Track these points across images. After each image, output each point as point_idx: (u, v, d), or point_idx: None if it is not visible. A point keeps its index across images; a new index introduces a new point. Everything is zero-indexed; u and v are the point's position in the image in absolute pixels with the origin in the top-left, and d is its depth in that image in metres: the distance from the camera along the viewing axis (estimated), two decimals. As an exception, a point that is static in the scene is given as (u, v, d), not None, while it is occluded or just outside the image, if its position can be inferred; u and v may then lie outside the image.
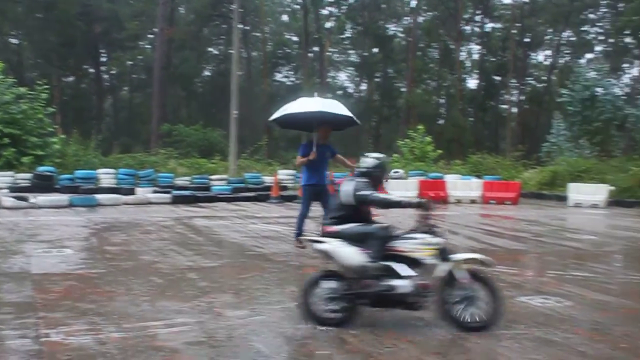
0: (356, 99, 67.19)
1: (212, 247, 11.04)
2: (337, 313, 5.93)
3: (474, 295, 5.87)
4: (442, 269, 5.90)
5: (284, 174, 26.59)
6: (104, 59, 62.87)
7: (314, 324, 5.87)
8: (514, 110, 63.06)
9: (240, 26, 43.23)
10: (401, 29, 67.50)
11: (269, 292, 7.45)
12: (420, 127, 34.76)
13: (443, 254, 5.94)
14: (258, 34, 61.45)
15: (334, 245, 6.05)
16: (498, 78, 65.43)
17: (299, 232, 10.90)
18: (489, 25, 66.65)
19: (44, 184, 21.19)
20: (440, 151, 34.23)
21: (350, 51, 70.25)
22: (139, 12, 57.44)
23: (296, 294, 7.26)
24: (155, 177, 24.30)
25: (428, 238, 5.99)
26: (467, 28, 65.33)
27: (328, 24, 63.09)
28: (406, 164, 30.55)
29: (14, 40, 59.38)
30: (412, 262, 5.95)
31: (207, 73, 67.05)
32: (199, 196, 21.49)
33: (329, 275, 6.13)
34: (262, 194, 22.71)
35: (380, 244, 5.99)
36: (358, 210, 6.31)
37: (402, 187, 23.73)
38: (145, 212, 17.24)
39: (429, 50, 67.35)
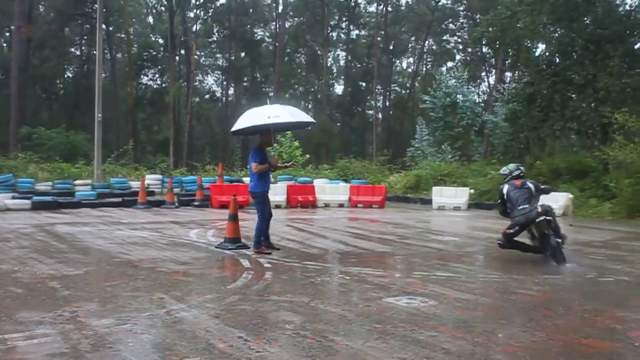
0: (224, 103, 66.92)
1: (76, 255, 10.66)
2: None
3: None
4: None
5: (151, 179, 26.11)
6: (-45, 58, 59.54)
7: None
8: (380, 115, 64.68)
9: (104, 27, 42.12)
10: (268, 34, 67.84)
11: (136, 300, 7.25)
12: (288, 132, 34.95)
13: None
14: (122, 35, 60.00)
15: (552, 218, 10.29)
16: (363, 84, 66.92)
17: (262, 239, 11.18)
18: (355, 32, 68.14)
19: None
20: (308, 156, 34.58)
21: (218, 55, 69.90)
22: (-7, 8, 54.78)
23: (164, 300, 7.14)
24: (14, 182, 23.23)
25: None
26: (334, 34, 66.47)
27: (195, 27, 62.49)
28: (275, 169, 30.61)
29: None
30: None
31: (69, 74, 64.85)
32: (62, 202, 20.79)
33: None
34: (128, 200, 22.21)
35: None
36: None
37: (271, 192, 23.78)
38: (3, 219, 16.48)
39: (296, 56, 68.05)
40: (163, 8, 61.49)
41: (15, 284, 8.04)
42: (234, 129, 11.44)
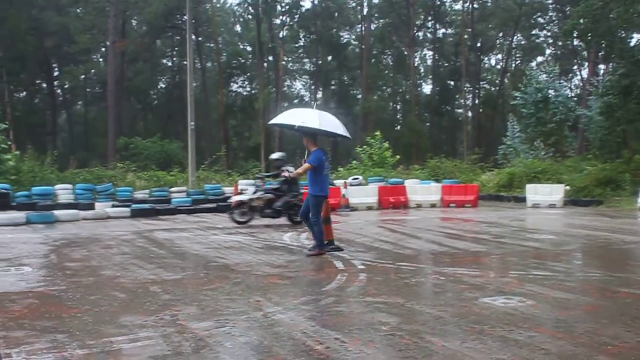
0: (312, 107, 67.29)
1: (175, 260, 10.93)
2: None
3: None
4: None
5: (245, 185, 26.44)
6: (56, 74, 62.06)
7: None
8: (470, 114, 63.82)
9: (194, 37, 43.11)
10: (354, 37, 67.85)
11: (234, 303, 7.37)
12: (377, 133, 34.90)
13: None
14: (212, 45, 61.23)
15: None
16: (452, 83, 66.17)
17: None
18: (441, 31, 67.48)
19: (-1, 202, 20.88)
20: (398, 157, 34.43)
21: (305, 60, 70.44)
22: (90, 25, 56.82)
23: (261, 303, 7.25)
24: (114, 191, 24.01)
25: None
26: (420, 34, 65.98)
27: (282, 34, 63.17)
28: (365, 171, 30.68)
29: (-36, 58, 58.44)
30: None
31: (162, 85, 66.65)
32: (159, 209, 21.32)
33: None
34: (222, 205, 22.55)
35: None
36: None
37: (362, 193, 23.87)
38: (105, 227, 17.04)
39: (383, 57, 67.83)
40: (250, 16, 62.48)
41: (118, 289, 8.30)
42: (275, 122, 12.27)
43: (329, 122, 11.47)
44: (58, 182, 24.52)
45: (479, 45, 65.04)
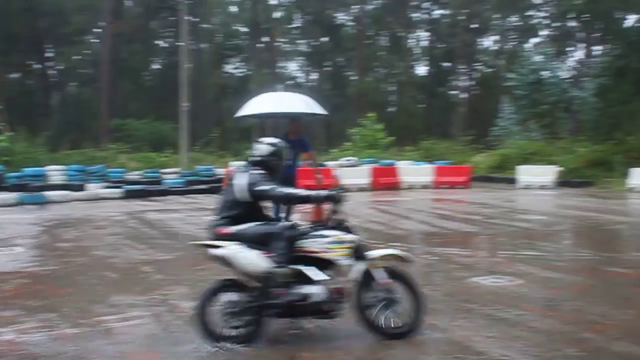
0: (307, 88, 67.19)
1: (166, 240, 10.97)
2: (240, 329, 5.28)
3: (392, 298, 5.29)
4: (357, 269, 5.27)
5: (237, 166, 26.47)
6: (50, 55, 61.74)
7: (213, 343, 5.20)
8: (464, 95, 63.77)
9: (189, 18, 42.96)
10: (350, 18, 67.56)
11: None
12: (371, 114, 34.90)
13: (358, 252, 5.32)
14: (207, 26, 60.90)
15: (232, 250, 5.33)
16: (447, 64, 66.02)
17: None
18: (437, 12, 67.20)
19: (-9, 183, 20.84)
20: (391, 138, 34.43)
21: (300, 41, 70.13)
22: (85, 5, 56.46)
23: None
24: (106, 172, 23.99)
25: (340, 235, 5.31)
26: (416, 15, 65.71)
27: (277, 14, 62.89)
28: (358, 152, 30.70)
29: (-46, 37, 58.18)
30: (324, 264, 5.27)
31: (156, 66, 66.33)
32: (151, 190, 21.33)
33: (228, 285, 5.49)
34: (214, 186, 22.54)
35: (286, 245, 5.23)
36: (255, 206, 5.56)
37: (354, 174, 23.85)
38: (97, 208, 17.05)
39: (378, 38, 67.55)
40: (246, -3, 62.15)
41: (109, 269, 8.36)
42: (248, 113, 11.15)
43: (302, 102, 11.28)
44: (50, 163, 24.48)
45: (474, 26, 64.84)
